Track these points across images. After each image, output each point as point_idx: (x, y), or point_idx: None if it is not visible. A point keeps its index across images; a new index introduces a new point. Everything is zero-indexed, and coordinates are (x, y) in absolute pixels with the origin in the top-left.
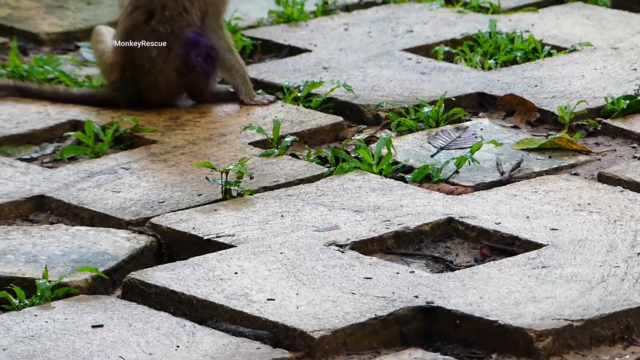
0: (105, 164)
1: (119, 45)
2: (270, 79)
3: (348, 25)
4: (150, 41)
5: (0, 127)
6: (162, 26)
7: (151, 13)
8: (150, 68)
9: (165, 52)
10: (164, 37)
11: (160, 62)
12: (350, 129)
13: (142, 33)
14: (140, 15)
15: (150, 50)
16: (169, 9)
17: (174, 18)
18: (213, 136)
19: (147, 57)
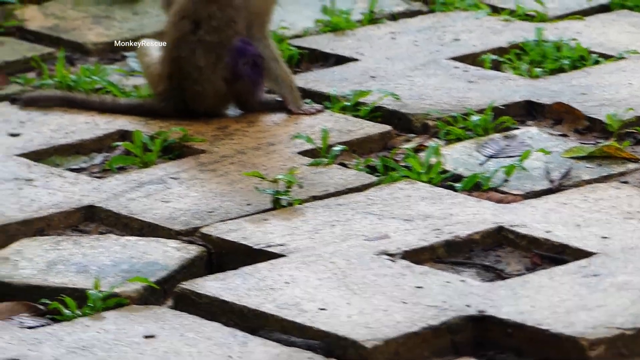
0: (154, 174)
1: (166, 56)
2: (318, 88)
3: (395, 34)
4: (198, 51)
5: (49, 137)
6: (209, 36)
7: (198, 23)
8: (198, 77)
9: (213, 62)
10: (211, 46)
11: (208, 72)
12: (399, 138)
13: (190, 43)
14: (187, 25)
15: (198, 59)
16: (216, 18)
17: (221, 28)
18: (262, 145)
19: (194, 66)
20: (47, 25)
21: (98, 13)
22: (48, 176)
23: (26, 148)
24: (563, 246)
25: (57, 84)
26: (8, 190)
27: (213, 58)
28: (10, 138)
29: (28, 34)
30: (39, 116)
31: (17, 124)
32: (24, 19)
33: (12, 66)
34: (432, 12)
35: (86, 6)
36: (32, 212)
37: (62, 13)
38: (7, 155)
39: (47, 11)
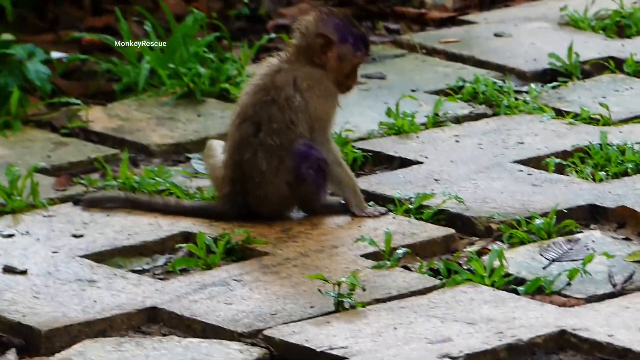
0: (217, 276)
1: (229, 159)
2: (382, 191)
3: (459, 137)
4: (260, 154)
5: (112, 238)
6: (270, 138)
7: (258, 125)
8: (261, 181)
9: (275, 165)
10: (273, 149)
11: (271, 175)
12: (462, 241)
13: (251, 146)
14: (249, 128)
15: (260, 163)
16: (277, 121)
17: (282, 130)
18: (325, 248)
19: (257, 170)
20: (112, 126)
21: (162, 114)
22: (111, 277)
23: (89, 249)
24: (626, 350)
25: (121, 185)
26: (71, 291)
27: (275, 161)
28: (74, 239)
29: (92, 135)
30: (102, 217)
31: (81, 225)
32: (89, 120)
33: (76, 167)
34: (497, 115)
35: (150, 107)
36: (94, 313)
37: (127, 114)
38: (70, 257)
39: (112, 112)
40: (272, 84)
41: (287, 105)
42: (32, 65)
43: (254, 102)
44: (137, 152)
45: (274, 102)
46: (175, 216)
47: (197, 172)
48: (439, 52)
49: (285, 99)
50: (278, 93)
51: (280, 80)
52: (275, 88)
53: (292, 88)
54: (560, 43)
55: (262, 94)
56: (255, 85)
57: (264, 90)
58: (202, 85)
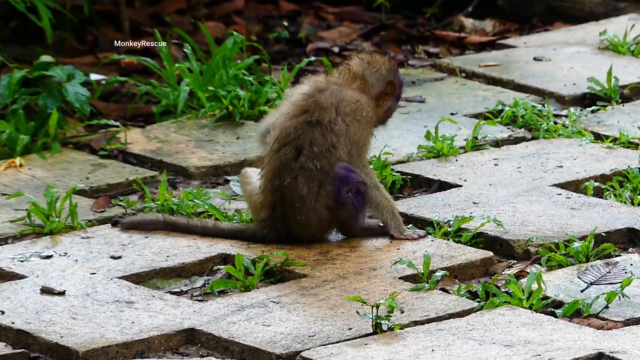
0: (256, 298)
1: (268, 184)
2: (421, 214)
3: (498, 160)
4: (300, 178)
5: (151, 260)
6: (311, 162)
7: (299, 149)
8: (301, 206)
9: (315, 190)
10: (313, 174)
11: (311, 200)
12: (500, 264)
13: (291, 170)
14: (289, 152)
15: (300, 188)
16: (318, 144)
17: (323, 154)
18: (363, 270)
19: (297, 195)
20: (150, 148)
21: (201, 137)
22: (149, 299)
23: (127, 271)
24: None
25: (159, 207)
26: (109, 312)
27: (315, 186)
28: (112, 261)
29: (131, 157)
30: (140, 239)
31: (119, 247)
32: (127, 142)
33: (115, 189)
34: (536, 139)
35: (189, 130)
36: (132, 334)
37: (166, 136)
38: (109, 278)
39: (151, 134)
40: (317, 105)
41: (330, 128)
42: (71, 87)
43: (296, 125)
44: (175, 174)
45: (318, 123)
46: (214, 238)
47: (235, 195)
48: (478, 75)
49: (329, 122)
50: (322, 115)
51: (324, 101)
52: (320, 109)
53: (334, 111)
54: (600, 67)
55: (305, 115)
56: (297, 106)
57: (308, 111)
58: (241, 108)
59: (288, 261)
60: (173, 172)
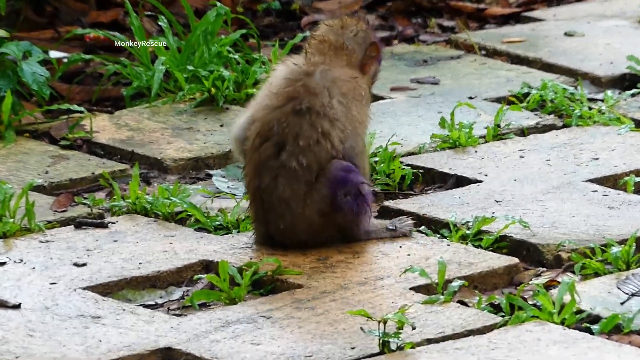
0: (243, 312)
1: (248, 185)
2: (434, 214)
3: (524, 151)
4: (281, 179)
5: (120, 268)
6: (294, 160)
7: (281, 145)
8: (284, 211)
9: (302, 192)
10: (298, 173)
11: (297, 205)
12: (527, 272)
13: (270, 169)
14: (269, 148)
15: (281, 190)
16: (304, 137)
17: (310, 148)
18: (368, 280)
19: (277, 199)
20: (120, 137)
21: (179, 124)
22: (118, 313)
23: (93, 280)
24: None
25: (130, 206)
26: (72, 329)
27: (302, 188)
28: (75, 268)
29: (97, 148)
30: (108, 243)
31: (83, 252)
32: (93, 131)
33: (78, 185)
34: (567, 126)
35: (165, 116)
36: (99, 354)
37: (137, 124)
38: (71, 289)
39: (120, 121)
40: (306, 90)
41: (324, 113)
42: (28, 67)
43: (280, 117)
44: (149, 168)
45: (308, 111)
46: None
47: (219, 191)
48: (500, 53)
49: (322, 107)
50: (313, 101)
51: (315, 85)
52: (309, 95)
53: (327, 94)
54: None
55: (292, 103)
56: (280, 94)
57: (295, 98)
58: (225, 91)
59: (280, 269)
60: (146, 165)
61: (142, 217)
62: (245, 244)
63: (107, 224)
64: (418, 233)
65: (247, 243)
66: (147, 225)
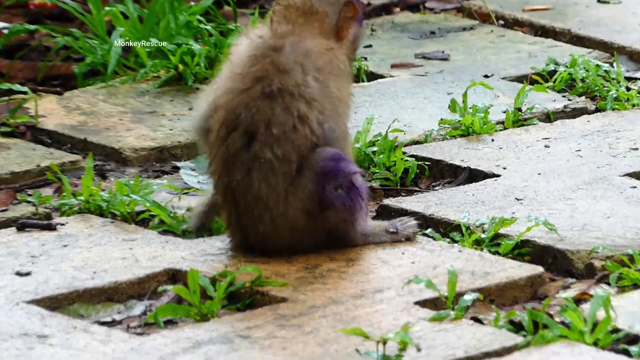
0: (216, 330)
1: (217, 183)
2: (443, 214)
3: (549, 140)
4: (255, 174)
5: (71, 277)
6: (269, 150)
7: (252, 134)
8: (263, 213)
9: (281, 188)
10: (274, 166)
11: (277, 204)
12: (554, 284)
13: (242, 163)
14: (238, 139)
15: (256, 187)
16: (278, 124)
17: (286, 136)
18: (365, 292)
19: (253, 198)
20: (71, 123)
21: (141, 107)
22: (69, 331)
23: (39, 292)
24: None
25: (83, 204)
26: (14, 350)
27: (280, 182)
28: (18, 278)
29: (44, 135)
30: (56, 249)
31: (27, 259)
32: (39, 115)
33: (21, 179)
34: (601, 110)
35: (124, 98)
36: None
37: (92, 107)
38: (13, 302)
39: (71, 104)
40: (275, 68)
41: (299, 93)
42: None
43: (247, 101)
44: (105, 159)
45: (280, 93)
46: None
47: (188, 187)
48: (522, 23)
49: (296, 87)
50: (285, 80)
51: (285, 61)
52: (280, 73)
53: (300, 70)
54: None
55: (261, 85)
56: (246, 74)
57: (263, 79)
58: (195, 68)
59: (261, 279)
60: (102, 156)
61: (96, 218)
62: (219, 250)
63: (55, 225)
64: (424, 237)
65: (222, 248)
66: (102, 227)
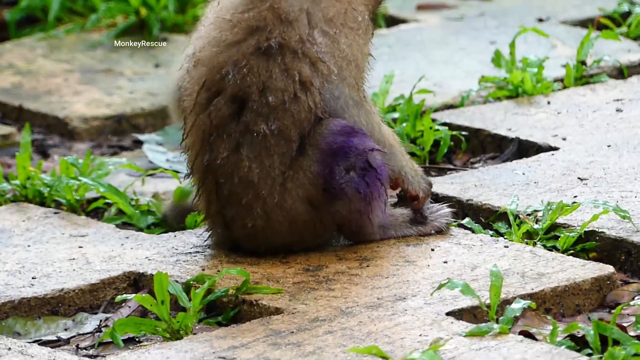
0: (191, 351)
1: (194, 161)
2: (485, 199)
3: (622, 102)
4: (245, 151)
5: (4, 284)
6: (263, 123)
7: (242, 100)
8: (253, 203)
9: (277, 171)
10: (269, 142)
11: (271, 191)
12: (627, 288)
13: (229, 137)
14: (224, 106)
15: (246, 168)
16: (275, 90)
17: (285, 107)
18: (383, 300)
19: (241, 182)
20: (2, 85)
21: (92, 64)
22: (3, 352)
23: None
24: None
25: (18, 190)
26: None
27: (276, 164)
28: None
29: None
30: None
31: None
32: None
33: None
34: None
35: (70, 52)
36: None
37: (28, 64)
38: None
39: (1, 60)
40: (274, 16)
41: (303, 51)
42: None
43: (237, 57)
44: (46, 132)
45: (279, 50)
46: (115, 243)
47: (154, 167)
48: None
49: (299, 43)
50: (286, 33)
51: (287, 7)
52: (280, 23)
53: (306, 21)
54: None
55: (255, 38)
56: (236, 23)
57: (259, 30)
58: (161, 13)
59: (249, 285)
60: (42, 128)
61: (36, 208)
62: (195, 248)
63: None
64: (459, 228)
65: (198, 246)
66: (44, 219)
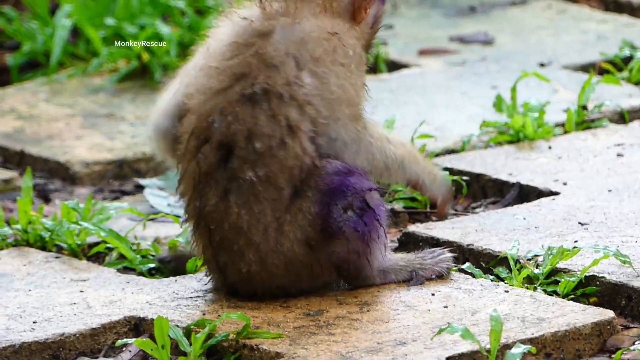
0: None
1: (189, 207)
2: (485, 244)
3: (623, 147)
4: (233, 197)
5: (4, 329)
6: (249, 170)
7: (229, 147)
8: (244, 249)
9: (269, 219)
10: (255, 189)
11: (265, 238)
12: (628, 332)
13: (217, 184)
14: (211, 153)
15: (234, 215)
16: (262, 136)
17: (271, 153)
18: (383, 345)
19: (231, 228)
20: (3, 129)
21: (94, 108)
22: None
23: None
24: None
25: (20, 235)
26: None
27: (266, 212)
28: None
29: None
30: None
31: None
32: None
33: None
34: None
35: (72, 96)
36: None
37: (30, 108)
38: None
39: (4, 104)
40: (260, 60)
41: (290, 95)
42: None
43: (224, 105)
44: (48, 176)
45: (265, 95)
46: (117, 288)
47: (155, 212)
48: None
49: (286, 86)
50: (272, 77)
51: (273, 51)
52: (266, 68)
53: (293, 63)
54: None
55: (241, 84)
56: (223, 69)
57: (244, 76)
58: (164, 57)
59: (249, 330)
60: (43, 173)
61: (37, 252)
62: (195, 292)
63: None
64: (460, 273)
65: (198, 290)
66: (45, 263)
